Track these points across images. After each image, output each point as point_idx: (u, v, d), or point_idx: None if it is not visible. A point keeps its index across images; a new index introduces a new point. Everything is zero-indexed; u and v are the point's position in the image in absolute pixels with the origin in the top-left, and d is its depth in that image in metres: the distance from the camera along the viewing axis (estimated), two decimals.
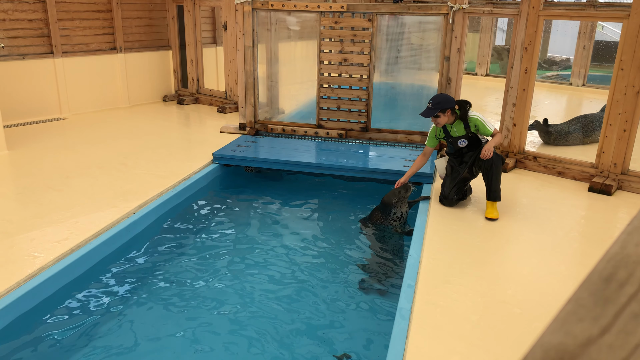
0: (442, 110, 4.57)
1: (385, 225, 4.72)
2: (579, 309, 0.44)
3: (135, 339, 3.33)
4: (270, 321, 3.54)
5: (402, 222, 4.73)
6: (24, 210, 4.60)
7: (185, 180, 5.44)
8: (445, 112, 4.59)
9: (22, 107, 7.59)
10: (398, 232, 4.67)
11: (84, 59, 8.26)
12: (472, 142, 4.73)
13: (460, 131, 4.70)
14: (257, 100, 7.17)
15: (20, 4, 7.43)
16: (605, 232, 4.50)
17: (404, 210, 4.75)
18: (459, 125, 4.70)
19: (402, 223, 4.72)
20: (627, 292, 0.45)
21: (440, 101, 4.57)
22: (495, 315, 3.22)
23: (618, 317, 0.42)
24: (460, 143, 4.74)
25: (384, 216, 4.74)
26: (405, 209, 4.77)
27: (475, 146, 4.75)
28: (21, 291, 3.38)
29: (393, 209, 4.72)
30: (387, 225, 4.72)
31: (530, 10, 5.61)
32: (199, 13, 8.93)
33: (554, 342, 0.41)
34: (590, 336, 0.40)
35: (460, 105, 4.68)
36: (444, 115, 4.60)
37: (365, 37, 6.50)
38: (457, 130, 4.71)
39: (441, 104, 4.56)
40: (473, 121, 4.64)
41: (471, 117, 4.65)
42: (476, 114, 4.66)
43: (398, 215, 4.72)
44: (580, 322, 0.42)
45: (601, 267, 0.49)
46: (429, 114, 4.62)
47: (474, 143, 4.73)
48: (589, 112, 7.47)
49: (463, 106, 4.67)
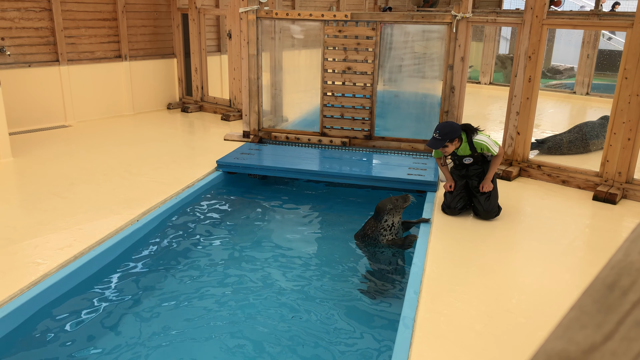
0: (449, 140, 4.58)
1: (376, 236, 4.48)
2: (582, 316, 0.43)
3: (139, 346, 3.33)
4: (272, 328, 3.53)
5: (391, 232, 4.48)
6: (28, 217, 4.61)
7: (189, 188, 5.45)
8: (453, 142, 4.61)
9: (27, 114, 7.63)
10: (387, 244, 4.44)
11: (90, 67, 8.31)
12: (478, 159, 4.76)
13: (466, 151, 4.73)
14: (261, 108, 7.20)
15: (26, 12, 7.50)
16: (610, 241, 4.48)
17: (396, 220, 4.50)
18: (465, 147, 4.71)
19: (393, 233, 4.49)
20: (631, 300, 0.44)
21: (447, 132, 4.56)
22: (499, 325, 3.20)
23: (621, 324, 0.42)
24: (465, 160, 4.77)
25: (376, 222, 4.52)
26: (397, 220, 4.52)
27: (481, 161, 4.78)
28: (24, 298, 3.38)
29: (385, 215, 4.47)
30: (377, 236, 4.48)
31: (534, 19, 5.62)
32: (204, 21, 8.99)
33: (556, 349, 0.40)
34: (593, 343, 0.40)
35: (466, 131, 4.68)
36: (451, 145, 4.61)
37: (369, 46, 6.52)
38: (463, 151, 4.73)
39: (448, 134, 4.55)
40: (479, 145, 4.66)
41: (476, 142, 4.65)
42: (482, 139, 4.65)
43: (389, 224, 4.47)
44: (583, 329, 0.42)
45: (604, 275, 0.49)
46: (437, 145, 4.61)
47: (480, 159, 4.77)
48: (589, 121, 7.45)
49: (469, 132, 4.67)
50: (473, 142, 4.65)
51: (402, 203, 4.51)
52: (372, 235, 4.52)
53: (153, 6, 9.09)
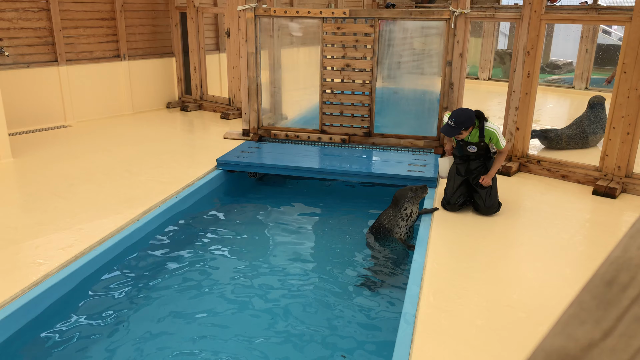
0: (465, 128, 4.59)
1: (392, 226, 4.60)
2: (581, 312, 0.44)
3: (140, 345, 3.34)
4: (273, 324, 3.54)
5: (409, 223, 4.61)
6: (29, 218, 4.62)
7: (189, 187, 5.45)
8: (468, 129, 4.62)
9: (26, 115, 7.63)
10: (401, 241, 4.56)
11: (88, 67, 8.30)
12: (481, 150, 4.75)
13: (474, 138, 4.72)
14: (261, 106, 7.19)
15: (24, 12, 7.49)
16: (610, 235, 4.48)
17: (414, 209, 4.65)
18: (474, 134, 4.71)
19: (408, 226, 4.61)
20: (630, 295, 0.45)
21: (463, 121, 4.57)
22: (500, 320, 3.21)
23: (620, 320, 0.42)
24: (470, 148, 4.76)
25: (395, 211, 4.61)
26: (416, 209, 4.67)
27: (484, 155, 4.77)
28: (26, 298, 3.38)
29: (406, 203, 4.60)
30: (394, 226, 4.60)
31: (532, 14, 5.61)
32: (202, 20, 8.97)
33: (555, 346, 0.41)
34: (592, 339, 0.40)
35: (479, 118, 4.70)
36: (465, 132, 4.63)
37: (368, 43, 6.51)
38: (472, 137, 4.72)
39: (464, 123, 4.57)
40: (489, 133, 4.66)
41: (488, 129, 4.67)
42: (493, 127, 4.68)
43: (407, 213, 4.59)
44: (582, 325, 0.42)
45: (603, 270, 0.49)
46: (451, 134, 4.63)
47: (482, 152, 4.76)
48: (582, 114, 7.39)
49: (481, 119, 4.69)
50: (485, 128, 4.65)
51: (421, 192, 4.71)
52: (387, 225, 4.61)
53: (151, 5, 9.07)
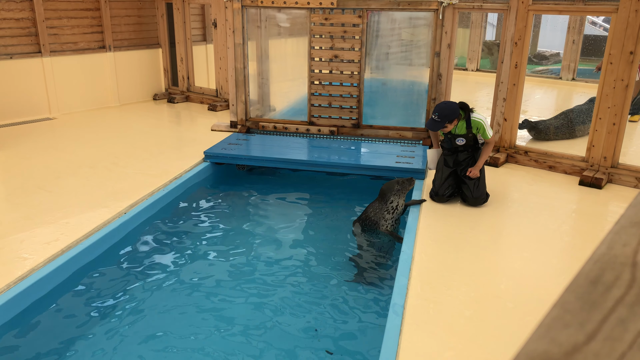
0: (449, 122, 4.58)
1: (378, 219, 4.60)
2: (564, 314, 0.43)
3: (127, 340, 3.31)
4: (263, 317, 3.53)
5: (395, 216, 4.63)
6: (14, 212, 4.56)
7: (176, 179, 5.41)
8: (452, 122, 4.60)
9: (10, 107, 7.51)
10: (389, 232, 4.55)
11: (73, 58, 8.18)
12: (469, 142, 4.75)
13: (461, 130, 4.72)
14: (248, 97, 7.14)
15: (7, 3, 7.35)
16: (596, 226, 4.53)
17: (400, 202, 4.65)
18: (461, 126, 4.71)
19: (394, 219, 4.63)
20: (614, 296, 0.44)
21: (447, 114, 4.55)
22: (488, 310, 3.23)
23: (604, 322, 0.41)
24: (458, 141, 4.76)
25: (381, 204, 4.61)
26: (402, 202, 4.67)
27: (472, 146, 4.78)
28: (11, 293, 3.35)
29: (392, 196, 4.60)
30: (380, 219, 4.59)
31: (520, 5, 5.61)
32: (189, 11, 8.87)
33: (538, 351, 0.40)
34: (575, 343, 0.39)
35: (463, 109, 4.68)
36: (450, 125, 4.61)
37: (356, 34, 6.48)
38: (459, 129, 4.72)
39: (448, 117, 4.55)
40: (476, 124, 4.66)
41: (474, 119, 4.66)
42: (480, 117, 4.68)
43: (394, 205, 4.60)
44: (565, 329, 0.41)
45: (588, 269, 0.48)
46: (436, 128, 4.61)
47: (471, 143, 4.76)
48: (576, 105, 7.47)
49: (466, 110, 4.68)
50: (471, 119, 4.65)
51: (407, 185, 4.70)
52: (374, 218, 4.60)
53: None
